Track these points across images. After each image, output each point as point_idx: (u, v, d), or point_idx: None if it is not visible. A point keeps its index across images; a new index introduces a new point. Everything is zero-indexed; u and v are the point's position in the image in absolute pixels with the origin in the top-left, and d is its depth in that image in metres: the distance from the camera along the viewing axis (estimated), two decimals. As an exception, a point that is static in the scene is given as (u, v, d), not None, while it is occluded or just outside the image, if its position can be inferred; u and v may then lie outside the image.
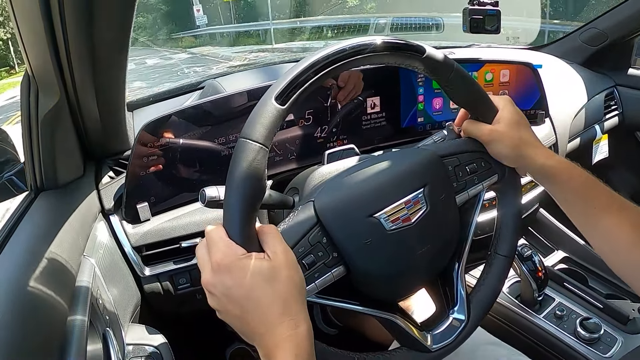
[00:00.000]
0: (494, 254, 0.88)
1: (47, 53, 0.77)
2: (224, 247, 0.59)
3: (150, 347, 0.99)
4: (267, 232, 0.62)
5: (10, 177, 1.09)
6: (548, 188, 0.83)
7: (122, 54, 0.88)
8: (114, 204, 1.08)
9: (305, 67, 0.62)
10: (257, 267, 0.58)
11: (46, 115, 0.89)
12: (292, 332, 0.56)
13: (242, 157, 0.59)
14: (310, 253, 0.68)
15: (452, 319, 0.83)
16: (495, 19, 1.41)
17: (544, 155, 0.79)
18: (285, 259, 0.60)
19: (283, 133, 1.16)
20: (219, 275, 0.59)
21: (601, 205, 0.78)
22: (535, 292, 1.28)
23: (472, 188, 0.82)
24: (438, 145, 0.83)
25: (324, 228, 0.70)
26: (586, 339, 1.21)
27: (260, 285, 0.57)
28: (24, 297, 0.69)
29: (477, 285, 0.88)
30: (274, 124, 0.60)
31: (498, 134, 0.80)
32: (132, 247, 1.06)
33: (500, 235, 0.88)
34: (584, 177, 0.79)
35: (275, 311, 0.57)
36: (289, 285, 0.58)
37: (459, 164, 0.81)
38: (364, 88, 1.23)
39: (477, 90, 0.79)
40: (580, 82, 1.80)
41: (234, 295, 0.58)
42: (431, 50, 0.71)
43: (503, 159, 0.82)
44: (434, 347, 0.80)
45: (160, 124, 1.04)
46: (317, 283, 0.69)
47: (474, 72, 1.38)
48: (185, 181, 1.10)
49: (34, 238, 0.85)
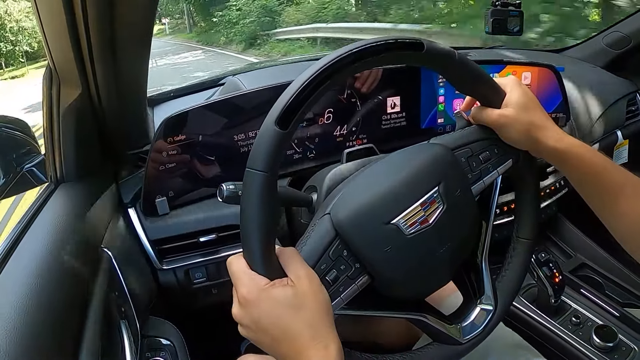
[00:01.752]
0: (516, 238, 0.88)
1: (68, 46, 0.77)
2: (247, 281, 0.60)
3: (165, 340, 1.00)
4: (288, 256, 0.62)
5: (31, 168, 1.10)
6: (562, 170, 0.81)
7: (144, 47, 0.88)
8: (132, 197, 1.09)
9: (301, 85, 0.60)
10: (282, 295, 0.59)
11: (67, 108, 0.90)
12: (323, 354, 0.57)
13: (251, 188, 0.59)
14: (333, 268, 0.68)
15: (480, 309, 0.83)
16: (517, 20, 1.40)
17: (555, 137, 0.77)
18: (309, 282, 0.60)
19: (302, 131, 1.17)
20: (246, 308, 0.60)
21: (615, 185, 0.76)
22: (552, 298, 1.27)
23: (488, 176, 0.79)
24: (448, 138, 0.81)
25: (344, 241, 0.69)
26: (601, 347, 1.20)
27: (288, 313, 0.58)
28: (42, 285, 0.70)
29: (502, 271, 0.88)
30: (278, 149, 0.59)
31: (507, 118, 0.77)
32: (149, 241, 1.07)
33: (521, 219, 0.87)
34: (597, 157, 0.77)
35: (305, 336, 0.58)
36: (315, 309, 0.59)
37: (472, 154, 0.79)
38: (384, 87, 1.23)
39: (481, 76, 0.77)
40: (602, 86, 1.77)
41: (262, 325, 0.59)
42: (430, 44, 0.69)
43: (515, 143, 0.79)
44: (464, 339, 0.80)
45: (180, 119, 1.05)
46: (342, 297, 0.68)
47: (495, 73, 1.36)
48: (204, 177, 1.11)
49: (53, 229, 0.86)
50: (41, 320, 0.65)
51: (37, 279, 0.71)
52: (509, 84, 0.79)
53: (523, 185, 0.87)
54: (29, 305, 0.65)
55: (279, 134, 0.59)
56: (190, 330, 1.10)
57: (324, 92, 0.62)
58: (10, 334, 0.59)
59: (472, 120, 0.83)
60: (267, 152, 0.59)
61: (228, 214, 1.08)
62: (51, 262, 0.77)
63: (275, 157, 0.59)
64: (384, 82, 1.22)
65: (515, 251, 0.88)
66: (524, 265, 0.87)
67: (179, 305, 1.16)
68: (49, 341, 0.65)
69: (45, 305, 0.68)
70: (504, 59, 1.40)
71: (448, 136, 0.82)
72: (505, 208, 1.36)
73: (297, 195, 0.88)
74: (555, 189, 1.50)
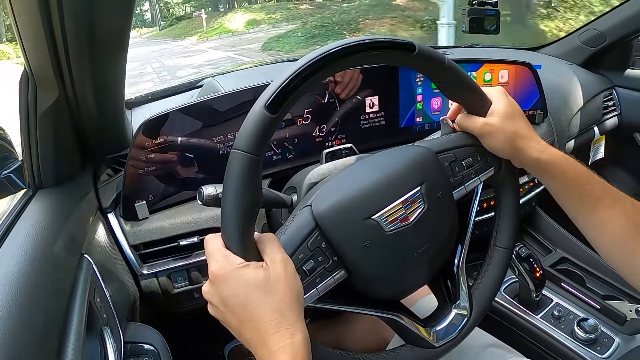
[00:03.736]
0: (494, 247, 0.88)
1: (45, 49, 0.76)
2: (221, 258, 0.59)
3: (147, 345, 0.99)
4: (265, 241, 0.62)
5: (9, 174, 1.08)
6: (543, 181, 0.82)
7: (121, 51, 0.87)
8: (112, 201, 1.08)
9: (294, 73, 0.61)
10: (253, 276, 0.58)
11: (45, 112, 0.89)
12: (287, 342, 0.56)
13: (235, 168, 0.59)
14: (310, 259, 0.68)
15: (455, 313, 0.83)
16: (494, 19, 1.41)
17: (538, 149, 0.78)
18: (283, 268, 0.60)
19: (281, 132, 1.16)
20: (216, 286, 0.59)
21: (595, 197, 0.77)
22: (533, 293, 1.28)
23: (469, 183, 0.81)
24: (433, 142, 0.82)
25: (323, 233, 0.69)
26: (583, 339, 1.22)
27: (256, 295, 0.57)
28: (21, 294, 0.69)
29: (478, 278, 0.88)
30: (266, 133, 0.59)
31: (491, 127, 0.78)
32: (129, 245, 1.06)
33: (500, 227, 0.88)
34: (578, 169, 0.78)
35: (271, 322, 0.57)
36: (285, 296, 0.58)
37: (455, 159, 0.80)
38: (363, 87, 1.23)
39: (469, 84, 0.78)
40: (579, 83, 1.80)
41: (230, 304, 0.58)
42: (421, 47, 0.70)
43: (498, 151, 0.81)
44: (438, 343, 0.81)
45: (158, 122, 1.04)
46: (318, 288, 0.69)
47: (473, 72, 1.38)
48: (184, 179, 1.10)
49: (32, 235, 0.85)
50: (22, 329, 0.64)
51: (17, 286, 0.70)
52: (495, 94, 0.81)
53: (504, 194, 0.88)
54: (9, 313, 0.64)
55: (267, 118, 0.59)
56: (173, 335, 1.09)
57: (315, 82, 0.63)
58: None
59: (457, 127, 0.85)
60: (254, 134, 0.59)
61: (209, 217, 1.08)
62: (31, 269, 0.76)
63: (261, 140, 0.59)
64: (362, 82, 1.23)
65: (492, 259, 0.88)
66: (501, 273, 0.88)
67: (161, 309, 1.15)
68: (30, 350, 0.64)
69: (26, 313, 0.67)
70: (481, 58, 1.41)
71: (432, 140, 0.83)
72: (485, 205, 1.37)
73: (277, 196, 0.88)
74: (534, 185, 1.52)
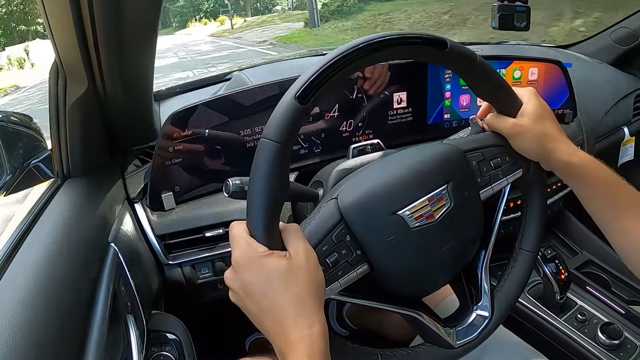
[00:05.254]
0: (519, 250, 0.87)
1: (74, 41, 0.77)
2: (244, 245, 0.59)
3: (170, 335, 1.01)
4: (290, 231, 0.62)
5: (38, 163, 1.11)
6: (571, 184, 0.81)
7: (150, 43, 0.88)
8: (139, 192, 1.09)
9: (325, 65, 0.61)
10: (276, 265, 0.58)
11: (74, 103, 0.90)
12: (306, 332, 0.56)
13: (263, 156, 0.59)
14: (334, 251, 0.68)
15: (476, 315, 0.83)
16: (524, 15, 1.39)
17: (568, 152, 0.77)
18: (305, 258, 0.60)
19: (309, 126, 1.16)
20: (238, 272, 0.59)
21: (622, 204, 0.76)
22: (557, 295, 1.26)
23: (497, 183, 0.80)
24: (461, 140, 0.82)
25: (348, 226, 0.69)
26: (606, 345, 1.20)
27: (277, 284, 0.58)
28: (48, 280, 0.70)
29: (500, 281, 0.87)
30: (295, 123, 0.60)
31: (521, 128, 0.78)
32: (155, 236, 1.07)
33: (525, 230, 0.87)
34: (608, 175, 0.77)
35: (290, 311, 0.57)
36: (306, 286, 0.58)
37: (483, 158, 0.79)
38: (391, 83, 1.22)
39: (500, 83, 0.77)
40: (609, 83, 1.76)
41: (250, 291, 0.59)
42: (453, 44, 0.69)
43: (527, 153, 0.80)
44: (457, 343, 0.80)
45: (186, 114, 1.05)
46: (340, 281, 0.68)
47: (502, 69, 1.36)
48: (210, 172, 1.11)
49: (59, 224, 0.86)
50: (48, 315, 0.66)
51: (44, 274, 0.72)
52: (526, 94, 0.80)
53: (531, 197, 0.87)
54: (36, 300, 0.66)
55: (297, 108, 0.59)
56: (196, 325, 1.10)
57: (347, 75, 0.63)
58: (17, 328, 0.60)
59: (487, 127, 0.84)
60: (283, 123, 0.59)
61: (234, 209, 1.09)
62: (58, 257, 0.77)
63: (290, 130, 0.59)
64: (391, 77, 1.22)
65: (516, 262, 0.87)
66: (525, 277, 0.87)
67: (184, 300, 1.16)
68: (55, 336, 0.65)
69: (52, 300, 0.68)
70: (511, 55, 1.39)
71: (461, 139, 0.83)
72: (511, 204, 1.35)
73: (304, 190, 0.88)
74: (562, 185, 1.49)
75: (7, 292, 0.66)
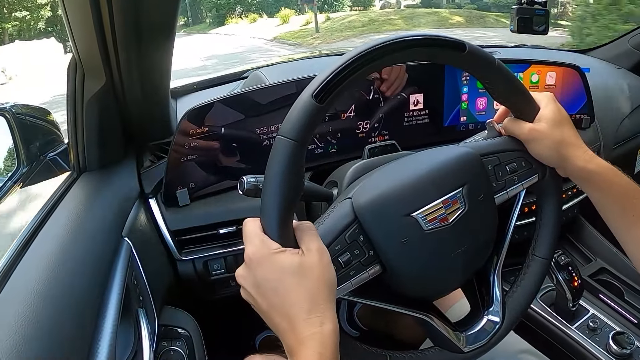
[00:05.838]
0: (532, 256, 0.87)
1: (93, 37, 0.78)
2: (257, 242, 0.59)
3: (181, 329, 1.01)
4: (303, 229, 0.62)
5: (54, 156, 1.12)
6: (587, 191, 0.80)
7: (168, 39, 0.89)
8: (153, 187, 1.10)
9: (343, 64, 0.61)
10: (288, 262, 0.58)
11: (91, 98, 0.91)
12: (316, 330, 0.56)
13: (279, 154, 0.59)
14: (347, 251, 0.68)
15: (487, 320, 0.82)
16: (543, 19, 1.38)
17: (585, 158, 0.76)
18: (318, 257, 0.60)
19: (325, 125, 1.16)
20: (251, 269, 0.59)
21: (639, 212, 0.75)
22: (570, 302, 1.25)
23: (512, 188, 0.80)
24: (478, 144, 0.81)
25: (361, 226, 0.69)
26: (618, 354, 1.19)
27: (290, 281, 0.57)
28: (62, 272, 0.71)
29: (513, 286, 0.87)
30: (312, 121, 0.59)
31: (539, 133, 0.77)
32: (169, 231, 1.08)
33: (539, 237, 0.87)
34: (625, 183, 0.76)
35: (302, 308, 0.57)
36: (318, 284, 0.58)
37: (499, 163, 0.79)
38: (408, 84, 1.22)
39: (518, 88, 0.76)
40: (627, 88, 1.74)
41: (262, 288, 0.59)
42: (472, 46, 0.69)
43: (543, 159, 0.79)
44: (467, 348, 0.80)
45: (202, 111, 1.05)
46: (352, 281, 0.68)
47: (520, 72, 1.35)
48: (225, 169, 1.11)
49: (74, 216, 0.87)
50: (61, 307, 0.66)
51: (57, 266, 0.72)
52: (544, 100, 0.79)
53: (546, 203, 0.86)
54: (49, 291, 0.66)
55: (314, 106, 0.59)
56: (207, 321, 1.11)
57: (365, 75, 0.63)
58: (31, 319, 0.60)
59: (504, 131, 0.83)
60: (300, 121, 0.59)
61: (248, 207, 1.08)
62: (72, 249, 0.78)
63: (307, 128, 0.59)
64: (408, 79, 1.22)
65: (529, 268, 0.87)
66: (537, 283, 0.86)
67: (196, 295, 1.17)
68: (68, 327, 0.66)
69: (66, 292, 0.69)
70: (529, 59, 1.38)
71: (477, 142, 0.82)
72: (526, 209, 1.34)
73: (318, 189, 0.88)
74: (577, 192, 1.48)
75: (21, 283, 0.67)
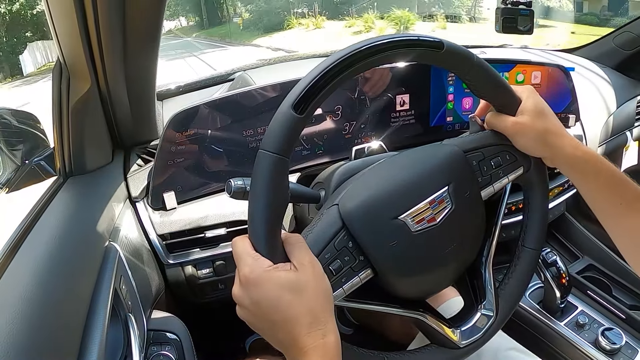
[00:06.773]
0: (521, 247, 0.87)
1: (78, 40, 0.78)
2: (250, 261, 0.59)
3: (171, 334, 1.00)
4: (292, 243, 0.62)
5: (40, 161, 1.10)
6: (574, 179, 0.80)
7: (153, 42, 0.88)
8: (140, 191, 1.09)
9: (320, 73, 0.60)
10: (284, 279, 0.58)
11: (77, 102, 0.91)
12: (319, 342, 0.56)
13: (262, 169, 0.58)
14: (337, 258, 0.68)
15: (481, 314, 0.83)
16: (528, 19, 1.39)
17: (571, 145, 0.77)
18: (312, 269, 0.60)
19: (311, 127, 1.16)
20: (247, 289, 0.59)
21: (627, 201, 0.75)
22: (558, 299, 1.26)
23: (498, 182, 0.80)
24: (461, 140, 0.81)
25: (350, 232, 0.69)
26: (607, 349, 1.20)
27: (288, 297, 0.57)
28: (49, 278, 0.71)
29: (505, 278, 0.87)
30: (293, 134, 0.59)
31: (522, 126, 0.77)
32: (157, 235, 1.07)
33: (528, 228, 0.87)
34: (612, 170, 0.76)
35: (303, 322, 0.57)
36: (316, 296, 0.58)
37: (483, 158, 0.79)
38: (394, 85, 1.22)
39: (498, 82, 0.77)
40: (612, 87, 1.76)
41: (261, 307, 0.58)
42: (450, 44, 0.69)
43: (530, 150, 0.80)
44: (462, 343, 0.80)
45: (189, 114, 1.05)
46: (344, 288, 0.68)
47: (505, 72, 1.36)
48: (212, 172, 1.11)
49: (61, 222, 0.87)
50: (49, 313, 0.66)
51: (45, 271, 0.72)
52: (525, 92, 0.80)
53: (532, 194, 0.87)
54: (36, 296, 0.66)
55: (294, 118, 0.59)
56: (196, 325, 1.10)
57: (342, 82, 0.63)
58: (17, 325, 0.60)
59: (486, 125, 0.84)
60: (280, 134, 0.59)
61: (236, 210, 1.08)
62: (59, 255, 0.77)
63: (288, 140, 0.59)
64: (393, 79, 1.22)
65: (519, 259, 0.87)
66: (528, 274, 0.87)
67: (185, 299, 1.16)
68: (55, 333, 0.65)
69: (52, 298, 0.68)
70: (514, 59, 1.39)
71: (461, 138, 0.82)
72: (513, 207, 1.35)
73: (305, 191, 0.88)
74: (564, 189, 1.49)
75: (8, 289, 0.66)
